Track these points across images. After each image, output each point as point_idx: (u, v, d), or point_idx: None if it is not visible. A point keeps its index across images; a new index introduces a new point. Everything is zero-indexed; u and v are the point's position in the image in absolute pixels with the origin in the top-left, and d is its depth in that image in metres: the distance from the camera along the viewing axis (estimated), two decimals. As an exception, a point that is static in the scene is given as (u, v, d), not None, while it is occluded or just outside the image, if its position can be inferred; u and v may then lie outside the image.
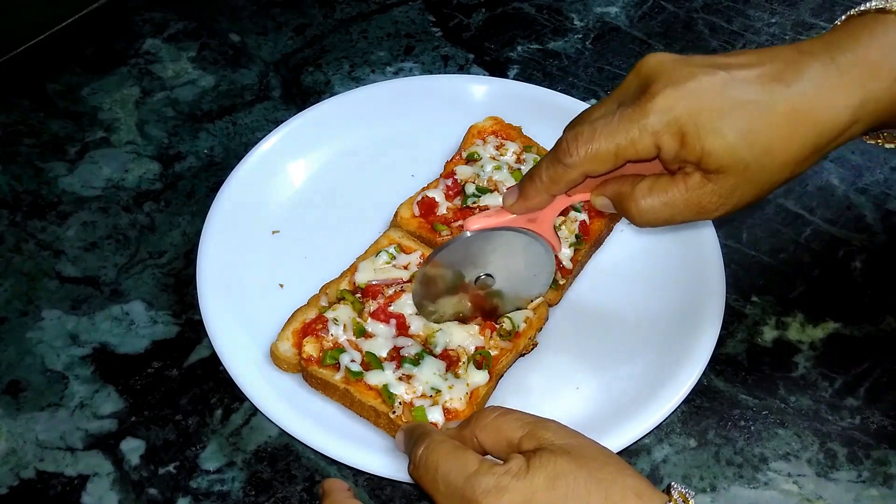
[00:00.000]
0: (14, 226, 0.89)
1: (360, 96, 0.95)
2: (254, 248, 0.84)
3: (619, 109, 0.62)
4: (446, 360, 0.74)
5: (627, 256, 0.86)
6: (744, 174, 0.60)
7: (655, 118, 0.60)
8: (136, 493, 0.72)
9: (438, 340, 0.75)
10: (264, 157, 0.90)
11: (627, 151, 0.62)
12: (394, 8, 1.11)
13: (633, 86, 0.64)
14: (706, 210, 0.63)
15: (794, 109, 0.60)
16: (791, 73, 0.60)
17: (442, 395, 0.72)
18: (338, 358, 0.73)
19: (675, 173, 0.63)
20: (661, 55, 0.63)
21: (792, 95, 0.60)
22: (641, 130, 0.61)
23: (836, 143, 0.62)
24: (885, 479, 0.73)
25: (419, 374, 0.73)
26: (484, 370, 0.74)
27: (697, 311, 0.79)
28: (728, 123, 0.59)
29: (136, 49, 1.06)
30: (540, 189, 0.67)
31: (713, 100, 0.60)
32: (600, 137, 0.62)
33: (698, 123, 0.59)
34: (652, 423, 0.72)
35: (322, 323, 0.76)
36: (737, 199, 0.62)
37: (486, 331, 0.76)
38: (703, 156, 0.60)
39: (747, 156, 0.60)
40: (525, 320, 0.78)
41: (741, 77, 0.60)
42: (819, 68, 0.60)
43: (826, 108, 0.60)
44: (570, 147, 0.63)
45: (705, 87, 0.60)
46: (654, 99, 0.60)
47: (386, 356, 0.74)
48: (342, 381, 0.73)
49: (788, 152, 0.60)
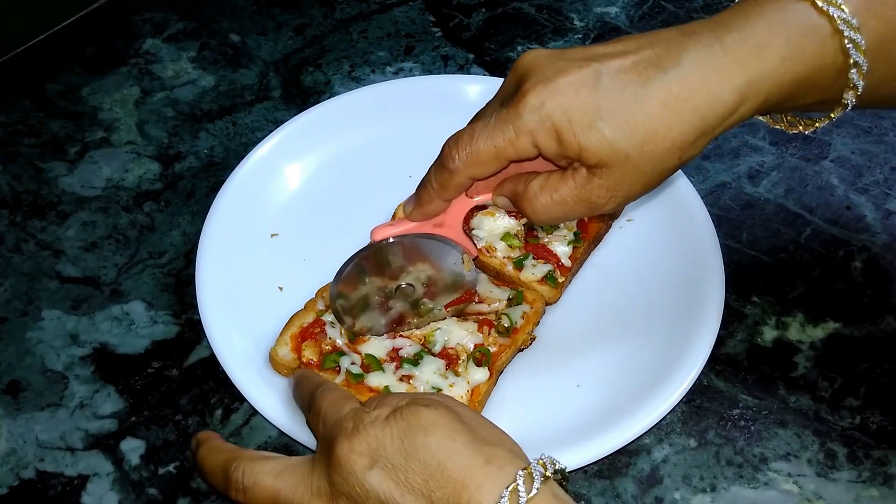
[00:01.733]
0: (14, 226, 0.89)
1: (359, 98, 0.95)
2: (253, 250, 0.84)
3: (497, 110, 0.62)
4: (446, 359, 0.74)
5: (628, 254, 0.86)
6: (627, 165, 0.59)
7: (528, 117, 0.59)
8: (136, 493, 0.72)
9: (437, 339, 0.75)
10: (262, 160, 0.89)
11: (507, 152, 0.61)
12: (394, 8, 1.11)
13: (510, 85, 0.63)
14: (596, 205, 0.62)
15: (671, 94, 0.58)
16: (669, 58, 0.59)
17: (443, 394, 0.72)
18: (338, 361, 0.74)
19: (566, 169, 0.62)
20: (536, 52, 0.62)
21: (668, 80, 0.58)
22: (517, 131, 0.60)
23: (726, 124, 0.60)
24: (885, 479, 0.73)
25: (419, 373, 0.73)
26: (484, 367, 0.74)
27: (697, 309, 0.79)
28: (603, 116, 0.58)
29: (136, 49, 1.06)
30: (432, 196, 0.67)
31: (586, 94, 0.58)
32: (479, 140, 0.61)
33: (572, 119, 0.58)
34: (652, 419, 0.73)
35: (320, 327, 0.76)
36: (626, 191, 0.61)
37: (484, 328, 0.76)
38: (582, 152, 0.59)
39: (627, 147, 0.58)
40: (522, 315, 0.78)
41: (615, 67, 0.59)
42: (701, 49, 0.59)
43: (707, 90, 0.58)
44: (451, 152, 0.63)
45: (577, 81, 0.59)
46: (526, 97, 0.59)
47: (385, 357, 0.74)
48: (343, 384, 0.73)
49: (671, 138, 0.59)
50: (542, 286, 0.80)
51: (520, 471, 0.54)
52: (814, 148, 0.96)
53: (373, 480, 0.56)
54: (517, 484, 0.53)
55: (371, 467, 0.56)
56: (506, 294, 0.79)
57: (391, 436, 0.57)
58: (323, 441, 0.61)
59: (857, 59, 0.59)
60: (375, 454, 0.56)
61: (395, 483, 0.56)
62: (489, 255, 0.82)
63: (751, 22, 0.59)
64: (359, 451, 0.57)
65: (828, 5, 0.58)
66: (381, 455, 0.56)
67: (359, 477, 0.56)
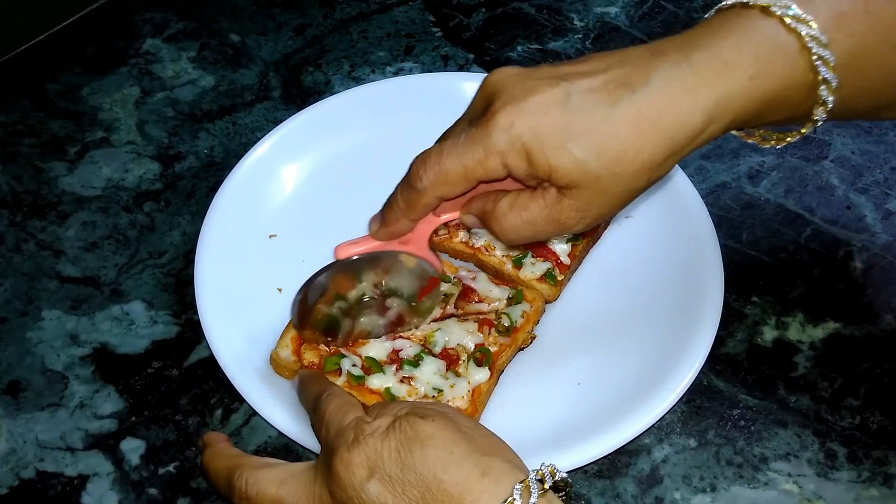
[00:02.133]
0: (14, 226, 0.89)
1: (357, 97, 0.95)
2: (252, 252, 0.84)
3: (466, 129, 0.60)
4: (446, 360, 0.74)
5: (627, 253, 0.86)
6: (597, 186, 0.58)
7: (498, 137, 0.58)
8: (136, 493, 0.72)
9: (438, 340, 0.75)
10: (260, 160, 0.89)
11: (476, 172, 0.60)
12: (394, 8, 1.11)
13: (479, 104, 0.62)
14: (566, 225, 0.61)
15: (641, 115, 0.57)
16: (638, 77, 0.58)
17: (444, 395, 0.72)
18: (339, 363, 0.74)
19: (535, 188, 0.61)
20: (506, 70, 0.61)
21: (638, 101, 0.57)
22: (486, 151, 0.59)
23: (695, 144, 0.59)
24: (885, 479, 0.73)
25: (420, 374, 0.73)
26: (484, 367, 0.74)
27: (697, 307, 0.79)
28: (573, 137, 0.57)
29: (136, 49, 1.06)
30: (399, 215, 0.66)
31: (556, 114, 0.57)
32: (447, 160, 0.60)
33: (542, 140, 0.57)
34: (652, 418, 0.73)
35: None
36: (596, 212, 0.60)
37: (485, 327, 0.76)
38: (552, 172, 0.58)
39: (597, 168, 0.57)
40: (522, 314, 0.78)
41: (585, 87, 0.58)
42: (670, 69, 0.57)
43: (675, 110, 0.57)
44: (419, 171, 0.62)
45: (547, 100, 0.58)
46: (495, 117, 0.58)
47: (386, 359, 0.74)
48: (345, 386, 0.73)
49: (640, 160, 0.58)
50: (542, 284, 0.80)
51: (517, 484, 0.54)
52: (814, 148, 0.96)
53: (371, 492, 0.56)
54: (513, 498, 0.53)
55: (369, 479, 0.56)
56: (505, 293, 0.79)
57: (389, 448, 0.57)
58: (325, 448, 0.62)
59: (826, 75, 0.57)
60: (374, 466, 0.57)
61: (392, 495, 0.56)
62: (488, 254, 0.82)
63: (718, 40, 0.58)
64: (357, 462, 0.57)
65: (796, 22, 0.57)
66: (379, 467, 0.56)
67: (357, 488, 0.57)
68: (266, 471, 0.63)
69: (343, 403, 0.64)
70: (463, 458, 0.56)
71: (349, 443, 0.58)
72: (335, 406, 0.64)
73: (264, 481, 0.62)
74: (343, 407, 0.64)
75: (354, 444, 0.58)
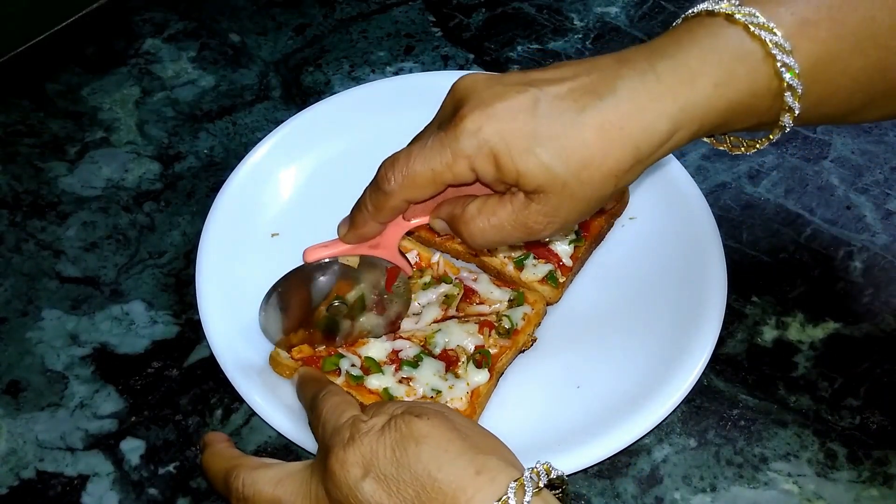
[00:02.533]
0: (14, 226, 0.89)
1: (357, 96, 0.95)
2: (253, 251, 0.84)
3: (435, 133, 0.61)
4: (446, 361, 0.74)
5: (629, 254, 0.85)
6: (564, 192, 0.58)
7: (466, 141, 0.58)
8: (136, 493, 0.72)
9: (438, 341, 0.75)
10: (261, 160, 0.90)
11: (444, 176, 0.60)
12: (394, 8, 1.11)
13: (448, 108, 0.62)
14: (534, 230, 0.61)
15: (607, 122, 0.57)
16: (605, 85, 0.58)
17: (443, 396, 0.72)
18: (337, 363, 0.74)
19: (504, 194, 0.62)
20: (474, 75, 0.61)
21: (604, 108, 0.57)
22: (454, 154, 0.59)
23: (661, 151, 0.59)
24: (885, 479, 0.73)
25: (419, 375, 0.73)
26: (484, 369, 0.74)
27: (699, 309, 0.79)
28: (541, 142, 0.57)
29: (136, 49, 1.06)
30: (367, 218, 0.66)
31: (524, 119, 0.58)
32: (415, 163, 0.60)
33: (510, 144, 0.58)
34: (652, 422, 0.72)
35: None
36: (563, 217, 0.60)
37: (485, 329, 0.76)
38: (519, 177, 0.58)
39: (564, 173, 0.58)
40: (523, 317, 0.78)
41: (553, 93, 0.58)
42: (635, 77, 0.58)
43: (641, 118, 0.57)
44: (387, 173, 0.62)
45: (515, 106, 0.58)
46: (464, 122, 0.58)
47: (385, 359, 0.74)
48: (343, 386, 0.73)
49: (606, 166, 0.58)
50: (543, 286, 0.80)
51: (512, 482, 0.54)
52: (814, 148, 0.96)
53: (365, 491, 0.56)
54: (507, 497, 0.53)
55: (364, 477, 0.56)
56: (507, 295, 0.79)
57: (384, 446, 0.57)
58: (321, 447, 0.62)
59: (791, 82, 0.58)
60: (368, 465, 0.57)
61: (387, 493, 0.56)
62: (490, 255, 0.82)
63: (683, 49, 0.58)
64: (352, 461, 0.57)
65: (760, 30, 0.57)
66: (374, 465, 0.57)
67: (352, 487, 0.57)
68: (262, 471, 0.63)
69: (340, 402, 0.64)
70: (457, 456, 0.56)
71: (345, 441, 0.58)
72: (332, 404, 0.64)
73: (261, 481, 0.62)
74: (340, 405, 0.64)
75: (350, 442, 0.58)
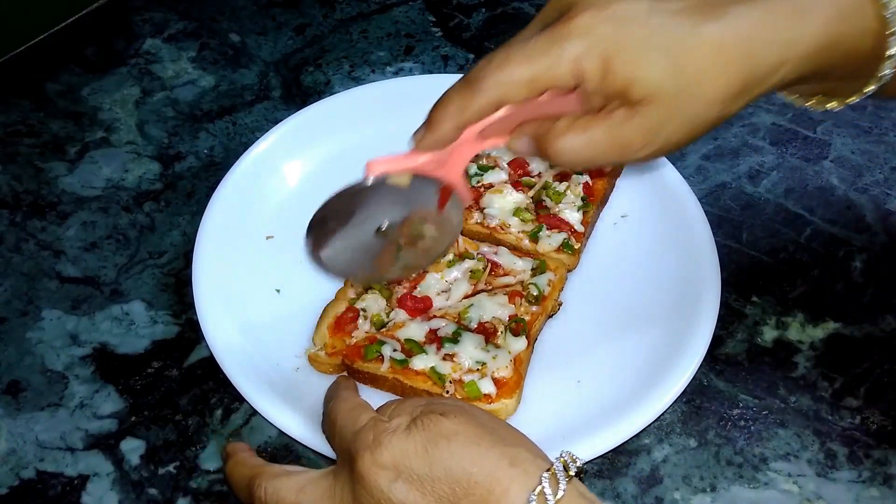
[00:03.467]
0: (14, 226, 0.89)
1: (355, 97, 0.95)
2: (249, 253, 0.84)
3: (537, 34, 0.57)
4: (483, 333, 0.76)
5: (624, 252, 0.86)
6: (672, 104, 0.56)
7: (576, 41, 0.55)
8: (136, 493, 0.72)
9: (472, 316, 0.77)
10: (258, 160, 0.89)
11: (544, 78, 0.56)
12: (394, 8, 1.11)
13: (552, 12, 0.59)
14: (630, 148, 0.58)
15: (723, 41, 0.56)
16: (719, 9, 0.57)
17: (488, 367, 0.73)
18: (379, 350, 0.74)
19: (597, 113, 0.59)
20: None
21: (721, 28, 0.56)
22: (559, 55, 0.55)
23: (766, 85, 0.58)
24: (885, 479, 0.73)
25: (461, 350, 0.74)
26: (521, 336, 0.75)
27: (694, 304, 0.79)
28: (655, 49, 0.55)
29: (136, 49, 1.06)
30: (449, 116, 0.59)
31: (640, 25, 0.56)
32: (514, 61, 0.56)
33: (623, 48, 0.55)
34: (651, 416, 0.73)
35: (354, 314, 0.77)
36: (665, 137, 0.58)
37: (515, 299, 0.78)
38: (629, 84, 0.55)
39: (677, 84, 0.56)
40: (548, 283, 0.79)
41: (667, 8, 0.57)
42: (749, 4, 0.57)
43: (752, 45, 0.56)
44: (482, 70, 0.57)
45: (630, 12, 0.56)
46: (575, 20, 0.55)
47: (424, 339, 0.75)
48: (389, 372, 0.73)
49: (718, 85, 0.56)
50: (560, 255, 0.82)
51: (544, 472, 0.54)
52: (814, 148, 0.96)
53: (398, 493, 0.56)
54: (543, 486, 0.54)
55: (395, 479, 0.56)
56: (529, 264, 0.81)
57: (414, 446, 0.57)
58: (342, 453, 0.61)
59: (892, 18, 0.57)
60: (399, 466, 0.56)
61: (420, 493, 0.56)
62: (503, 232, 0.84)
63: None
64: (381, 463, 0.57)
65: None
66: (405, 466, 0.56)
67: (384, 490, 0.56)
68: (285, 479, 0.62)
69: (353, 406, 0.64)
70: (489, 449, 0.56)
71: (370, 444, 0.58)
72: (346, 409, 0.64)
73: (283, 489, 0.61)
74: (354, 409, 0.63)
75: (376, 445, 0.57)
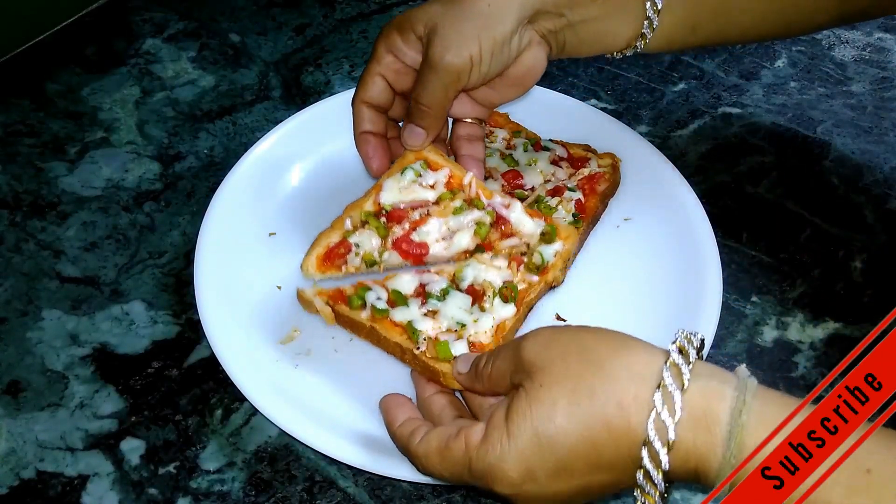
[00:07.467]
0: (14, 226, 0.89)
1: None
2: (251, 250, 0.84)
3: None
4: (472, 295, 0.74)
5: (626, 253, 0.85)
6: None
7: None
8: (136, 493, 0.72)
9: (466, 275, 0.75)
10: (260, 159, 0.89)
11: None
12: (394, 8, 1.11)
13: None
14: None
15: None
16: None
17: (467, 329, 0.72)
18: (364, 297, 0.74)
19: None
20: None
21: None
22: None
23: None
24: (885, 479, 0.73)
25: (444, 309, 0.73)
26: (510, 303, 0.74)
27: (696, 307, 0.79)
28: None
29: (136, 49, 1.06)
30: None
31: None
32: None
33: None
34: None
35: (345, 248, 0.76)
36: None
37: (513, 264, 0.76)
38: None
39: None
40: (555, 255, 0.77)
41: None
42: None
43: None
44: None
45: None
46: None
47: (412, 293, 0.75)
48: (368, 319, 0.73)
49: None
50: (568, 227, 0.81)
51: (662, 366, 0.54)
52: (814, 148, 0.96)
53: (547, 492, 0.56)
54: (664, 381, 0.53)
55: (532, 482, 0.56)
56: (539, 227, 0.78)
57: (526, 446, 0.56)
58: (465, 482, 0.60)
59: None
60: (528, 474, 0.56)
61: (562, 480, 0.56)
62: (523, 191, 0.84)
63: None
64: (513, 482, 0.56)
65: None
66: (533, 469, 0.56)
67: (540, 497, 0.57)
68: None
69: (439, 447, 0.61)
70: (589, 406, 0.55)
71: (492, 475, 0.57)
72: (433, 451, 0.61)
73: None
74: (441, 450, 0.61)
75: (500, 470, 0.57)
